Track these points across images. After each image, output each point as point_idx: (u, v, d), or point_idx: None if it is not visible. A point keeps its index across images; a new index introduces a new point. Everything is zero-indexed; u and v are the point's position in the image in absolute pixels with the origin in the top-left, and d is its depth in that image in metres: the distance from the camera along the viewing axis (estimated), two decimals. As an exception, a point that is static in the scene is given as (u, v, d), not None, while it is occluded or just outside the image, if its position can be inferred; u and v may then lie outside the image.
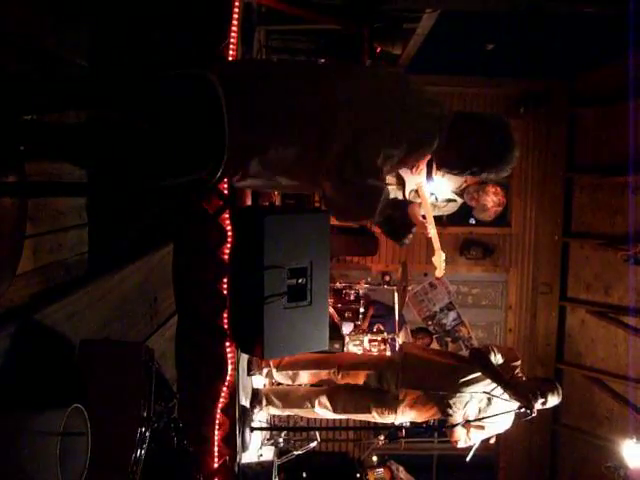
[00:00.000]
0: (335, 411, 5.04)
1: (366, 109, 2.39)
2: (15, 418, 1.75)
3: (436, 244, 5.32)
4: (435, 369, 4.97)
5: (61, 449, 1.65)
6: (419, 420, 5.01)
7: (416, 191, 5.00)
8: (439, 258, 5.37)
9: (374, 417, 5.04)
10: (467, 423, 4.75)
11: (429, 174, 4.85)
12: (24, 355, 2.08)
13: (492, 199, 4.99)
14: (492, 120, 2.58)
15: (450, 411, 4.76)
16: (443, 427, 4.78)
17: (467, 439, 4.84)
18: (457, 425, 4.73)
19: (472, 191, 4.99)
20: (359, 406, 4.99)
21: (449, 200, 5.30)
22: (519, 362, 4.91)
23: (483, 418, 4.68)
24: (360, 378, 4.94)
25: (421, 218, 5.49)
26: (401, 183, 4.99)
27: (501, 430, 4.87)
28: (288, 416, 6.23)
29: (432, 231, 5.39)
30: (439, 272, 5.55)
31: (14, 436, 1.67)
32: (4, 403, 1.92)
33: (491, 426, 4.80)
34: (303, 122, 2.33)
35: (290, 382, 4.99)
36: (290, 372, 4.93)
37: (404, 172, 4.73)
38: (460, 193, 5.15)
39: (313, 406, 5.03)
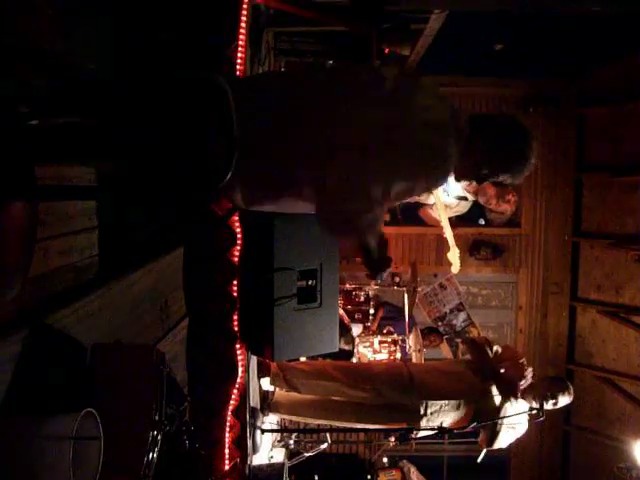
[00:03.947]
0: (354, 425, 5.00)
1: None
2: (28, 422, 1.75)
3: (451, 241, 5.35)
4: (453, 375, 4.92)
5: (74, 453, 1.65)
6: (461, 424, 4.75)
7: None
8: (454, 254, 5.38)
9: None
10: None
11: None
12: (36, 359, 2.08)
13: (511, 207, 4.97)
14: (506, 123, 2.48)
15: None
16: (478, 427, 4.70)
17: (508, 438, 4.82)
18: (487, 425, 4.70)
19: (490, 195, 4.94)
20: (377, 421, 4.92)
21: (460, 198, 5.29)
22: (524, 360, 4.88)
23: (503, 417, 4.66)
24: (372, 392, 4.81)
25: (436, 217, 5.49)
26: None
27: (525, 429, 4.85)
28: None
29: (447, 230, 5.39)
30: (455, 268, 5.56)
31: (27, 440, 1.67)
32: (17, 407, 1.93)
33: (518, 426, 4.78)
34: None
35: (297, 391, 4.88)
36: (297, 380, 4.83)
37: None
38: (471, 191, 5.13)
39: (326, 419, 4.98)
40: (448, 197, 5.25)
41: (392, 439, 5.90)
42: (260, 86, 2.43)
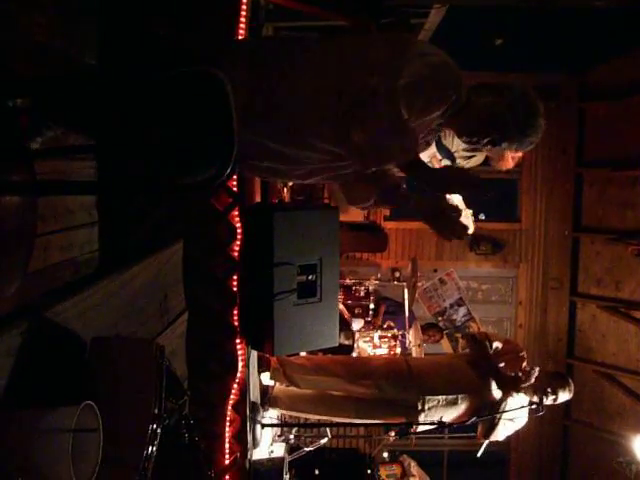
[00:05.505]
0: (354, 420, 5.02)
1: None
2: (27, 415, 1.76)
3: (461, 205, 5.36)
4: (451, 371, 4.92)
5: (73, 446, 1.66)
6: (460, 419, 4.78)
7: (430, 163, 5.04)
8: (467, 216, 5.41)
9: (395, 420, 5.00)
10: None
11: (438, 143, 4.85)
12: (35, 353, 2.09)
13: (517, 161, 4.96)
14: (516, 85, 2.48)
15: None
16: (478, 421, 4.72)
17: (506, 431, 4.84)
18: (486, 419, 4.72)
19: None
20: (376, 415, 4.92)
21: (469, 157, 5.28)
22: (524, 353, 4.88)
23: (503, 412, 4.67)
24: (371, 388, 4.82)
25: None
26: None
27: (524, 423, 4.86)
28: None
29: (454, 197, 5.41)
30: (470, 230, 5.58)
31: (27, 433, 1.68)
32: (16, 401, 1.94)
33: (517, 419, 4.79)
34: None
35: (297, 386, 4.88)
36: (297, 375, 4.84)
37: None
38: (474, 148, 5.12)
39: (325, 414, 4.99)
40: (455, 162, 5.23)
41: (392, 434, 5.92)
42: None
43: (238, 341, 3.98)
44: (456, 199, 5.49)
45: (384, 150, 2.36)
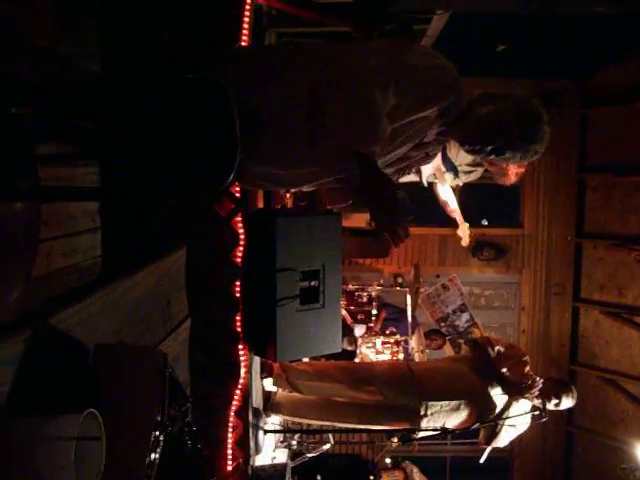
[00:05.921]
0: (356, 426, 5.01)
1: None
2: (30, 423, 1.76)
3: (459, 218, 5.45)
4: (454, 376, 4.91)
5: (76, 454, 1.65)
6: (463, 425, 4.79)
7: (433, 174, 5.09)
8: (464, 229, 5.49)
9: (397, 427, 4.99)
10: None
11: (443, 155, 4.91)
12: (38, 360, 2.08)
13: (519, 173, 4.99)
14: (519, 94, 2.45)
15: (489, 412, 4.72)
16: (480, 427, 4.72)
17: (508, 437, 4.83)
18: (488, 424, 4.71)
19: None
20: (379, 421, 4.92)
21: (469, 172, 5.34)
22: (527, 358, 4.87)
23: (505, 418, 4.66)
24: (374, 393, 4.81)
25: (442, 197, 5.65)
26: (418, 170, 5.06)
27: (526, 428, 4.85)
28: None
29: (454, 207, 5.49)
30: (464, 242, 5.66)
31: (30, 441, 1.68)
32: (19, 408, 1.93)
33: (519, 425, 4.78)
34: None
35: (299, 392, 4.87)
36: (299, 381, 4.82)
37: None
38: (477, 163, 5.16)
39: (328, 420, 4.99)
40: (457, 176, 5.29)
41: (394, 440, 5.91)
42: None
43: (241, 347, 3.97)
44: (456, 213, 5.54)
45: (346, 124, 2.29)
